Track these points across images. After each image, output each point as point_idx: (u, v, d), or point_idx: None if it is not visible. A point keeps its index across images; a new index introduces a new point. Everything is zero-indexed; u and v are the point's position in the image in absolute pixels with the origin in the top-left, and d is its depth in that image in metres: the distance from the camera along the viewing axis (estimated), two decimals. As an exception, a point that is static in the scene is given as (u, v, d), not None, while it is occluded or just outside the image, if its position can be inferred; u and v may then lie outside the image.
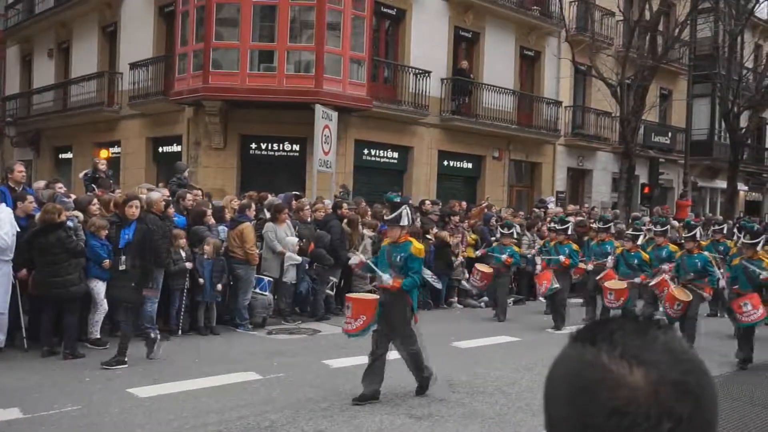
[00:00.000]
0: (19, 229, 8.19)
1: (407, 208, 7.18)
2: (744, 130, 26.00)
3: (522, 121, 21.34)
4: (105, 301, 8.82)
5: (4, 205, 8.25)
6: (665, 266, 10.42)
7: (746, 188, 31.20)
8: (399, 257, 6.93)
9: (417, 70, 18.57)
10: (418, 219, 12.53)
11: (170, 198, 10.66)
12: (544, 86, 22.59)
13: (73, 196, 10.14)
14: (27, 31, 25.34)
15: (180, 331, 9.69)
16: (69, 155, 22.86)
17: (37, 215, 8.37)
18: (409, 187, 18.84)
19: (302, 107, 15.53)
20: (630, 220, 16.64)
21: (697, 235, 10.07)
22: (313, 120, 14.75)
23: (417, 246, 7.03)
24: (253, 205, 11.30)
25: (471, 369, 8.19)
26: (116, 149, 20.43)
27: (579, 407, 0.85)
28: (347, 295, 8.05)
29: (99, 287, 8.75)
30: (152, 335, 8.31)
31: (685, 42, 24.12)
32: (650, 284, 10.51)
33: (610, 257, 11.72)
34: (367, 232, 12.56)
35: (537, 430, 6.09)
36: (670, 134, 26.53)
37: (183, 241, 9.79)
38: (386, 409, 6.51)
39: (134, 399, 6.67)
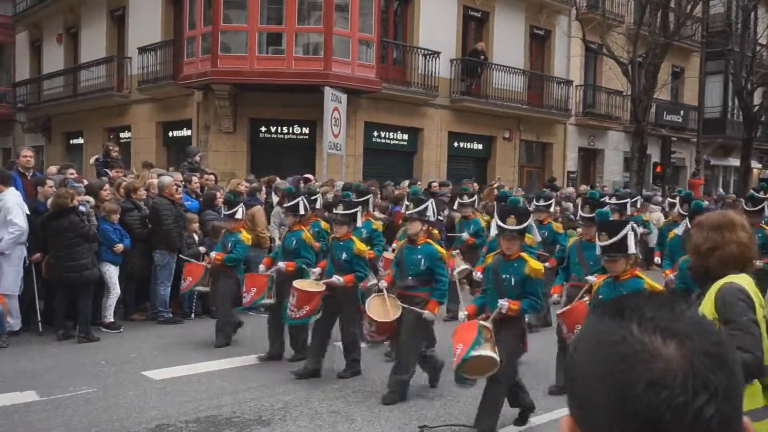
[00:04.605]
0: (29, 212, 8.27)
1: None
2: (758, 108, 25.71)
3: (532, 101, 21.18)
4: (117, 285, 8.89)
5: (12, 188, 8.32)
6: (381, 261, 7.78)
7: (760, 166, 30.91)
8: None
9: (426, 51, 18.44)
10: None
11: (181, 182, 10.69)
12: (554, 65, 22.39)
13: (85, 182, 10.19)
14: (36, 17, 25.34)
15: (193, 315, 9.76)
16: (80, 140, 22.93)
17: (50, 200, 8.43)
18: (419, 168, 18.79)
19: (311, 90, 15.48)
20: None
21: (429, 211, 6.58)
22: (323, 103, 14.70)
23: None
24: (264, 189, 11.31)
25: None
26: (126, 134, 20.48)
27: (614, 382, 0.84)
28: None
29: (111, 271, 8.82)
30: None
31: (698, 18, 23.78)
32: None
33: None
34: (377, 214, 12.53)
35: (549, 409, 6.11)
36: (682, 112, 26.26)
37: (196, 225, 9.81)
38: (399, 390, 6.53)
39: (149, 381, 6.74)
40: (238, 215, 8.23)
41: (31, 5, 25.44)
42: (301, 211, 7.61)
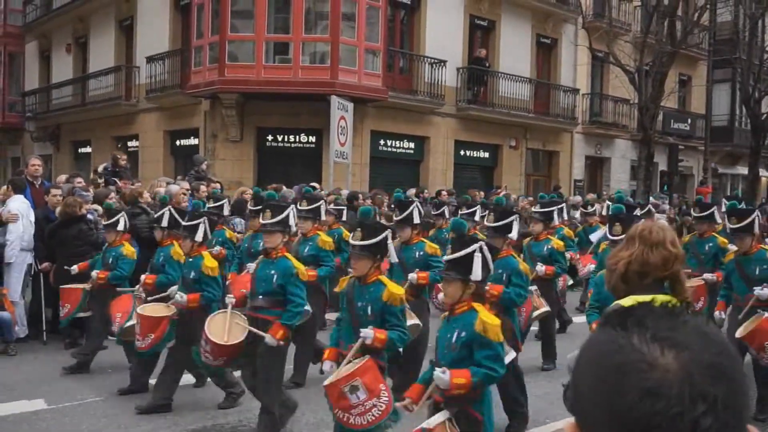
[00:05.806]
0: (34, 220, 8.33)
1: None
2: (765, 116, 25.64)
3: (539, 109, 21.21)
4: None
5: (19, 196, 8.40)
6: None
7: (768, 174, 30.83)
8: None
9: (432, 60, 18.50)
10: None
11: (189, 191, 10.73)
12: (560, 74, 22.41)
13: (92, 190, 10.24)
14: (45, 27, 25.57)
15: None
16: (88, 149, 23.08)
17: (58, 209, 8.49)
18: (425, 177, 18.81)
19: (318, 99, 15.55)
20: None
21: (291, 220, 5.90)
22: (329, 111, 14.76)
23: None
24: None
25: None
26: (134, 143, 20.60)
27: (608, 391, 0.84)
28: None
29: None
30: None
31: (705, 27, 23.80)
32: None
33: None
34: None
35: (556, 419, 6.09)
36: (689, 120, 26.23)
37: None
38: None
39: (155, 390, 6.74)
40: (120, 227, 7.33)
41: (40, 15, 25.69)
42: (164, 224, 6.78)
